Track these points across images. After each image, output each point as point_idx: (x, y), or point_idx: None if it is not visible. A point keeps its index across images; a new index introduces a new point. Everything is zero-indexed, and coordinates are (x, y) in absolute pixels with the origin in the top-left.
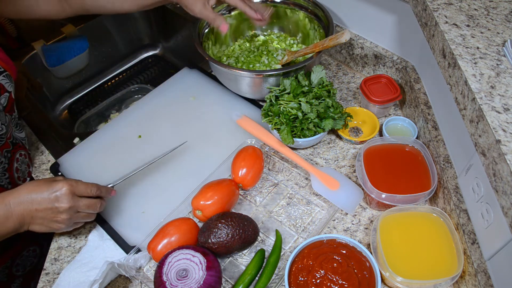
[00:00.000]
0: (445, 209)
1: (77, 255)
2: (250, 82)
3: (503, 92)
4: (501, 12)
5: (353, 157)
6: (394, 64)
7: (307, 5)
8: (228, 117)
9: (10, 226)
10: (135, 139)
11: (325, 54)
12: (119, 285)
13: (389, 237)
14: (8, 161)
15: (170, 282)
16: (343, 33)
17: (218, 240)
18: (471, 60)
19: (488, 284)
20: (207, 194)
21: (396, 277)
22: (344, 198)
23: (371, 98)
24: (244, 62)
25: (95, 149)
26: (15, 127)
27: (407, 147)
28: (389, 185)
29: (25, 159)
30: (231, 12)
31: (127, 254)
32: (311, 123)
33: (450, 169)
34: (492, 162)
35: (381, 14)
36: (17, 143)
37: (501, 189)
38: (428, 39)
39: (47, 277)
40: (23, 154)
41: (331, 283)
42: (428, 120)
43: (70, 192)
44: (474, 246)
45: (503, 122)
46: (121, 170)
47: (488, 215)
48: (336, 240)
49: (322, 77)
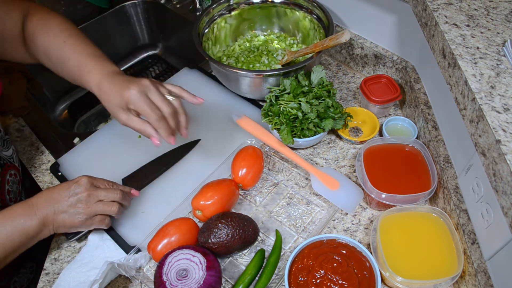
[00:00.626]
0: (445, 209)
1: (77, 255)
2: (250, 82)
3: (503, 92)
4: (501, 12)
5: (353, 157)
6: (394, 64)
7: (307, 5)
8: (228, 117)
9: (34, 225)
10: (135, 139)
11: (325, 54)
12: (119, 285)
13: (389, 237)
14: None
15: (170, 282)
16: (343, 33)
17: (218, 240)
18: (471, 60)
19: (488, 284)
20: (207, 194)
21: (396, 277)
22: (344, 198)
23: (371, 98)
24: (244, 62)
25: (95, 149)
26: (2, 146)
27: (407, 147)
28: (389, 185)
29: (15, 178)
30: (231, 12)
31: (127, 254)
32: (311, 123)
33: (450, 169)
34: (492, 162)
35: (381, 14)
36: (5, 163)
37: (501, 189)
38: (428, 39)
39: (47, 277)
40: (13, 173)
41: (331, 283)
42: (428, 120)
43: (88, 181)
44: (474, 246)
45: (503, 122)
46: (121, 170)
47: (488, 215)
48: (336, 240)
49: (322, 77)
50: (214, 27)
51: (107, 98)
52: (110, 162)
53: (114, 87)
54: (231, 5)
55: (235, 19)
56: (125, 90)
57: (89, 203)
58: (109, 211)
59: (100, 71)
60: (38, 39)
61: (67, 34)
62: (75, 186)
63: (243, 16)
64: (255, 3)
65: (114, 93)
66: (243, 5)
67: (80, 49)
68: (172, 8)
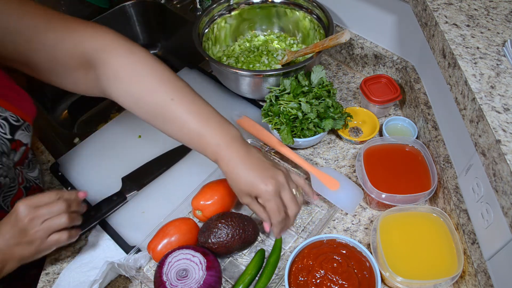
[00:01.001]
0: (445, 209)
1: (77, 255)
2: (250, 82)
3: (503, 92)
4: (501, 12)
5: (353, 157)
6: (394, 64)
7: (307, 5)
8: (228, 117)
9: None
10: (135, 139)
11: (325, 54)
12: (119, 285)
13: (389, 237)
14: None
15: (170, 282)
16: (343, 33)
17: (218, 240)
18: (471, 60)
19: (488, 284)
20: (207, 194)
21: (396, 277)
22: (344, 198)
23: (371, 98)
24: (244, 62)
25: (95, 149)
26: (26, 168)
27: (407, 147)
28: (389, 185)
29: None
30: (231, 12)
31: (127, 254)
32: (311, 123)
33: (450, 169)
34: (492, 162)
35: (381, 14)
36: (30, 186)
37: (501, 189)
38: (428, 39)
39: (47, 277)
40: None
41: (331, 283)
42: (428, 120)
43: (26, 206)
44: (474, 246)
45: (503, 122)
46: (121, 170)
47: (488, 215)
48: (336, 240)
49: (322, 77)
50: (214, 27)
51: (236, 181)
52: (110, 162)
53: (248, 175)
54: (231, 5)
55: (235, 19)
56: (260, 184)
57: (35, 227)
58: (59, 225)
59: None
60: (125, 85)
61: (170, 87)
62: (15, 216)
63: (243, 16)
64: (255, 3)
65: (246, 181)
66: (243, 5)
67: (191, 110)
68: (172, 8)
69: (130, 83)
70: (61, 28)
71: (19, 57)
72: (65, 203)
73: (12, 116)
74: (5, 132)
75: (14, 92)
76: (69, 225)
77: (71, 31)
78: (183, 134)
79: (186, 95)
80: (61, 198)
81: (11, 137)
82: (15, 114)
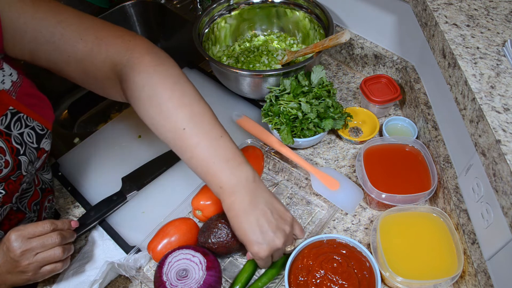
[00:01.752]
0: (445, 209)
1: (77, 255)
2: (250, 82)
3: (503, 92)
4: (501, 12)
5: (353, 157)
6: (394, 64)
7: (307, 5)
8: (228, 117)
9: None
10: (135, 139)
11: (325, 54)
12: (119, 285)
13: (389, 237)
14: (37, 214)
15: (170, 282)
16: (343, 33)
17: (218, 240)
18: (471, 60)
19: (488, 284)
20: (207, 194)
21: (396, 277)
22: (344, 198)
23: (371, 98)
24: (244, 62)
25: (95, 149)
26: (41, 170)
27: (407, 147)
28: (389, 185)
29: (52, 203)
30: (231, 12)
31: (127, 254)
32: (311, 123)
33: (450, 169)
34: (492, 162)
35: (381, 14)
36: (46, 188)
37: (501, 189)
38: (428, 39)
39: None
40: (50, 199)
41: (331, 283)
42: (428, 120)
43: (17, 237)
44: (474, 246)
45: (503, 122)
46: (121, 170)
47: (488, 215)
48: (336, 240)
49: (322, 77)
50: (214, 27)
51: (233, 227)
52: (110, 162)
53: (244, 232)
54: (231, 5)
55: (235, 19)
56: (254, 246)
57: (28, 259)
58: (53, 258)
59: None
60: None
61: (186, 114)
62: (7, 247)
63: (243, 16)
64: (255, 3)
65: (241, 235)
66: (243, 5)
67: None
68: (172, 8)
69: (150, 105)
70: (92, 39)
71: (52, 66)
72: (60, 236)
73: (38, 125)
74: (32, 141)
75: (38, 100)
76: (63, 257)
77: (101, 45)
78: (191, 164)
79: (201, 125)
80: (55, 229)
81: (37, 146)
82: (40, 123)
